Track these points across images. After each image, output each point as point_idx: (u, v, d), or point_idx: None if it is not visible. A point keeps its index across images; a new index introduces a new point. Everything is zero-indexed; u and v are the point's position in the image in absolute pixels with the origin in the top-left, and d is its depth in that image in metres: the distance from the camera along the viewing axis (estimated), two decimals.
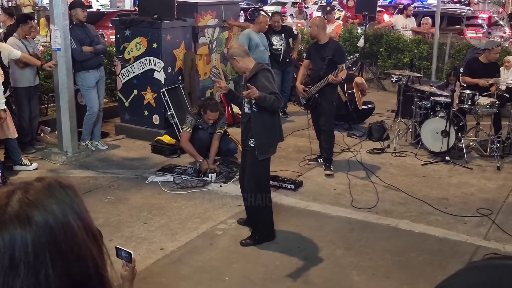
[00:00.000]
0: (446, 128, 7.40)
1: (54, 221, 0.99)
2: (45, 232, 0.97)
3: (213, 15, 9.21)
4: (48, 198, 1.02)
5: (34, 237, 0.96)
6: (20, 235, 0.96)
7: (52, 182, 1.07)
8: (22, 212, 0.98)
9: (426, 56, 11.80)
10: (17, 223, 0.96)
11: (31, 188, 1.03)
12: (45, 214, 0.99)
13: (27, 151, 7.58)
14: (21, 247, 0.95)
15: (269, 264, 4.91)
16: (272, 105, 4.94)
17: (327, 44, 6.95)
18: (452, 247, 5.23)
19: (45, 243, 0.97)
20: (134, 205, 6.10)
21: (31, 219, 0.98)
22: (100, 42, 7.87)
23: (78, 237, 1.02)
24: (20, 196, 1.01)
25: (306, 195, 6.42)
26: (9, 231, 0.96)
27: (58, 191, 1.05)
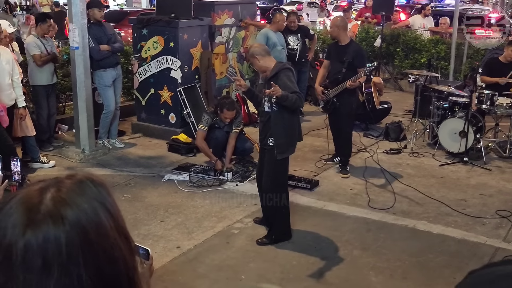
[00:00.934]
0: (465, 128, 7.33)
1: (87, 221, 0.97)
2: (78, 232, 0.96)
3: (229, 14, 9.21)
4: (81, 196, 1.00)
5: (68, 237, 0.94)
6: (54, 234, 0.94)
7: (84, 179, 1.04)
8: (55, 211, 0.96)
9: (444, 56, 11.70)
10: (51, 222, 0.95)
11: (63, 185, 1.01)
12: (78, 213, 0.97)
13: (45, 149, 7.64)
14: (55, 247, 0.93)
15: (286, 264, 4.90)
16: (294, 104, 4.93)
17: (347, 46, 6.83)
18: (470, 249, 5.17)
19: (78, 243, 0.95)
20: (150, 203, 6.11)
21: (65, 218, 0.95)
22: (117, 41, 7.91)
23: (111, 237, 1.00)
24: (54, 194, 0.98)
25: (322, 195, 6.39)
26: (43, 230, 0.94)
27: (90, 189, 1.03)
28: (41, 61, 7.35)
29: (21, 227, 0.94)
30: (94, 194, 1.02)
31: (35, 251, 0.93)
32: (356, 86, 6.79)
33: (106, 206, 1.02)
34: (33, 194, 0.98)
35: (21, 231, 0.93)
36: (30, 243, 0.93)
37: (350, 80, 6.58)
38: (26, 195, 0.99)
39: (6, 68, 6.34)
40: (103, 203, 1.02)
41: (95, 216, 0.99)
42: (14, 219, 0.95)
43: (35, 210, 0.95)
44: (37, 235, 0.93)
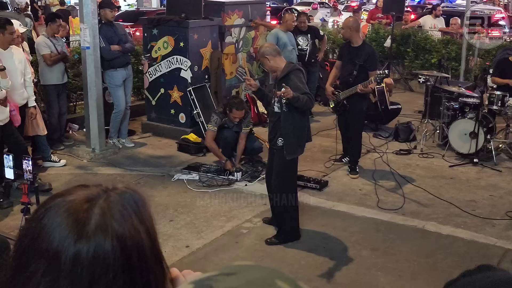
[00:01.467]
0: (475, 129, 7.30)
1: (132, 241, 0.95)
2: (122, 251, 0.93)
3: (239, 15, 9.23)
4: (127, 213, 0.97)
5: (115, 256, 0.92)
6: (103, 250, 0.92)
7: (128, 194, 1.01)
8: (105, 227, 0.93)
9: (455, 57, 11.64)
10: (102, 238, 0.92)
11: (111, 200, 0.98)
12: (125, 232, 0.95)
13: (56, 148, 7.70)
14: (103, 264, 0.91)
15: (295, 263, 4.91)
16: (305, 105, 4.94)
17: (359, 48, 6.79)
18: (480, 250, 5.16)
19: (122, 263, 0.93)
20: (160, 202, 6.14)
21: (113, 236, 0.93)
22: (128, 41, 7.96)
23: (148, 261, 0.97)
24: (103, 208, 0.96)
25: (331, 195, 6.40)
26: (94, 244, 0.92)
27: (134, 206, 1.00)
28: (51, 61, 7.41)
29: (72, 237, 0.92)
30: (137, 213, 0.99)
31: (84, 265, 0.90)
32: (367, 92, 6.74)
33: (147, 227, 1.00)
34: (82, 204, 0.96)
35: (72, 241, 0.91)
36: (81, 255, 0.91)
37: (361, 85, 6.55)
38: (75, 204, 0.96)
39: (19, 67, 6.40)
40: (145, 223, 1.00)
41: (138, 237, 0.96)
42: (63, 228, 0.92)
43: (85, 223, 0.93)
44: (88, 248, 0.91)
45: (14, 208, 5.85)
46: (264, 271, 0.76)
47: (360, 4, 21.10)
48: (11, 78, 6.09)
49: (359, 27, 7.20)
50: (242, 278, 0.72)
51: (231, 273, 0.74)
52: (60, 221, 0.93)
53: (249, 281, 0.71)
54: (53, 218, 0.94)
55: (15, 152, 5.64)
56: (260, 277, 0.73)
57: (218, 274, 0.74)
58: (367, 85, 6.54)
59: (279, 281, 0.72)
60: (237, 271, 0.74)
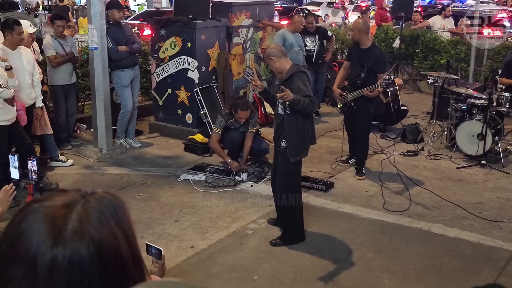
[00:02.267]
0: (483, 131, 7.25)
1: (108, 246, 0.95)
2: (99, 257, 0.93)
3: (247, 15, 9.23)
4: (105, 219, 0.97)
5: (92, 260, 0.92)
6: (80, 254, 0.92)
7: (106, 199, 1.02)
8: (81, 232, 0.94)
9: (464, 58, 11.58)
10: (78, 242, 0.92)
11: (88, 205, 0.98)
12: (101, 237, 0.95)
13: (64, 148, 7.74)
14: (79, 269, 0.91)
15: (299, 265, 4.90)
16: (306, 108, 4.91)
17: (369, 50, 6.76)
18: (486, 253, 5.12)
19: (99, 269, 0.93)
20: (166, 202, 6.16)
21: (89, 241, 0.93)
22: (135, 42, 7.98)
23: (126, 265, 0.98)
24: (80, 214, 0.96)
25: (337, 197, 6.38)
26: (70, 249, 0.92)
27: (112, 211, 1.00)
28: (55, 62, 7.44)
29: (48, 243, 0.92)
30: (115, 218, 0.99)
31: (60, 270, 0.90)
32: (373, 96, 6.72)
33: (125, 232, 1.00)
34: (59, 210, 0.96)
35: (48, 247, 0.92)
36: (57, 261, 0.91)
37: (368, 89, 6.53)
38: (53, 210, 0.96)
39: (27, 67, 6.44)
40: (123, 228, 1.00)
41: (115, 243, 0.96)
42: (40, 234, 0.93)
43: (62, 229, 0.93)
44: (64, 254, 0.91)
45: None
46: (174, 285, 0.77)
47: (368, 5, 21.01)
48: (18, 78, 6.13)
49: (369, 29, 7.17)
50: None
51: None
52: (37, 227, 0.93)
53: None
54: (31, 224, 0.94)
55: (21, 151, 5.69)
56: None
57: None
58: (373, 89, 6.52)
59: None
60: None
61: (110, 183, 6.68)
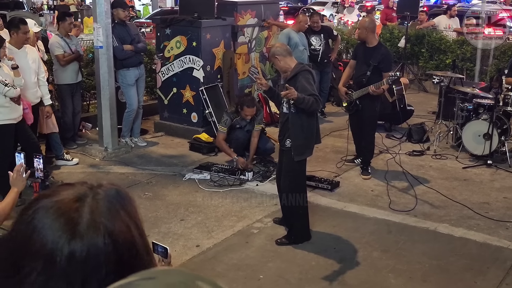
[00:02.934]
0: (489, 131, 7.22)
1: (121, 236, 0.96)
2: (114, 247, 0.94)
3: (252, 14, 9.22)
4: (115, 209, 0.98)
5: (108, 253, 0.93)
6: (96, 249, 0.92)
7: (113, 190, 1.02)
8: (95, 224, 0.94)
9: (470, 58, 11.54)
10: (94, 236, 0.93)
11: (98, 197, 0.98)
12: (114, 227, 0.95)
13: (69, 147, 7.75)
14: (96, 262, 0.92)
15: (305, 264, 4.89)
16: (311, 106, 4.90)
17: (375, 49, 6.75)
18: (493, 253, 5.10)
19: (114, 259, 0.93)
20: (171, 201, 6.16)
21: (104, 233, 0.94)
22: (140, 41, 7.99)
23: (139, 252, 0.98)
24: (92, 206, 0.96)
25: (343, 196, 6.36)
26: (87, 242, 0.92)
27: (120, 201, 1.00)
28: (64, 61, 7.45)
29: (65, 237, 0.92)
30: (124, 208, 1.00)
31: (79, 263, 0.91)
32: (379, 93, 6.71)
33: (136, 221, 1.01)
34: (71, 204, 0.96)
35: (66, 241, 0.92)
36: (75, 254, 0.91)
37: (373, 86, 6.52)
38: (64, 204, 0.96)
39: (32, 66, 6.45)
40: (133, 218, 1.01)
41: (127, 232, 0.97)
42: (55, 229, 0.93)
43: (77, 222, 0.94)
44: (82, 247, 0.92)
45: None
46: (185, 274, 0.76)
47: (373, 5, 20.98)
48: (24, 77, 6.14)
49: (375, 27, 7.16)
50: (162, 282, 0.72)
51: (151, 277, 0.74)
52: (51, 222, 0.93)
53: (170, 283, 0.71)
54: (43, 220, 0.94)
55: (27, 150, 5.69)
56: (180, 280, 0.73)
57: (138, 279, 0.75)
58: (379, 86, 6.51)
59: (200, 282, 0.72)
60: (157, 276, 0.74)
61: (115, 182, 6.66)
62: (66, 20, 7.62)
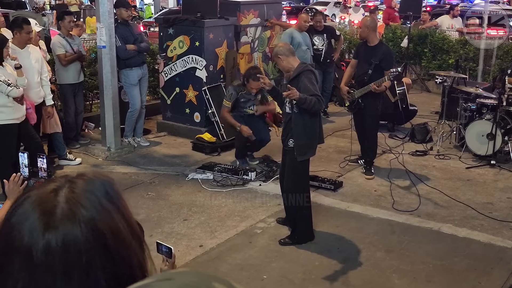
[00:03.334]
0: (493, 131, 7.21)
1: (103, 223, 0.95)
2: (94, 235, 0.94)
3: (255, 14, 9.20)
4: (94, 197, 0.98)
5: (86, 240, 0.92)
6: (73, 237, 0.92)
7: (94, 179, 1.02)
8: (72, 214, 0.94)
9: (473, 57, 11.51)
10: (70, 225, 0.93)
11: (76, 186, 0.98)
12: (94, 215, 0.95)
13: (72, 146, 7.74)
14: (75, 250, 0.92)
15: (308, 264, 4.88)
16: (313, 107, 4.89)
17: (376, 47, 6.76)
18: (497, 253, 5.09)
19: (96, 247, 0.93)
20: (174, 201, 6.15)
21: (81, 221, 0.94)
22: (143, 41, 7.98)
23: (125, 238, 0.98)
24: (68, 196, 0.96)
25: (346, 196, 6.35)
26: (62, 233, 0.92)
27: (102, 190, 1.00)
28: (65, 61, 7.44)
29: (40, 229, 0.92)
30: (106, 195, 0.99)
31: (56, 254, 0.91)
32: (381, 91, 6.70)
33: (117, 206, 1.00)
34: (47, 196, 0.96)
35: (40, 233, 0.92)
36: (50, 245, 0.91)
37: (375, 83, 6.52)
38: (40, 197, 0.97)
39: (36, 66, 6.45)
40: (115, 203, 1.00)
41: (109, 219, 0.97)
42: (31, 222, 0.93)
43: (51, 213, 0.94)
44: (57, 237, 0.91)
45: None
46: (200, 275, 0.77)
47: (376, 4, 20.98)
48: (27, 76, 6.14)
49: (376, 26, 7.18)
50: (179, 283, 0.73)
51: (167, 278, 0.74)
52: (27, 216, 0.94)
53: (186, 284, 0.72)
54: (21, 215, 0.94)
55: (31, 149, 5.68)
56: (196, 281, 0.74)
57: (154, 280, 0.75)
58: (380, 83, 6.51)
59: (216, 283, 0.73)
60: (174, 277, 0.75)
61: (118, 182, 6.57)
62: (65, 19, 7.61)
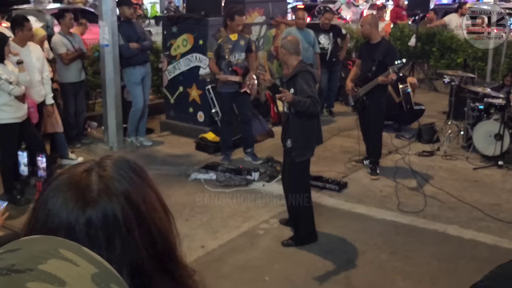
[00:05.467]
0: (500, 131, 7.10)
1: (136, 195, 1.00)
2: (130, 206, 0.98)
3: (260, 12, 9.13)
4: (124, 172, 1.02)
5: (124, 211, 0.97)
6: (112, 210, 0.96)
7: (120, 159, 1.07)
8: (107, 188, 0.98)
9: (481, 57, 11.38)
10: (107, 199, 0.97)
11: (106, 165, 1.03)
12: (128, 188, 1.00)
13: (74, 146, 7.70)
14: (114, 222, 0.96)
15: (311, 266, 4.81)
16: (308, 109, 4.80)
17: (378, 44, 6.72)
18: (503, 255, 4.96)
19: (133, 217, 0.97)
20: (177, 201, 6.08)
21: (117, 194, 0.98)
22: (146, 39, 7.93)
23: (158, 209, 1.03)
24: (101, 173, 1.01)
25: (350, 197, 6.27)
26: (101, 207, 0.96)
27: (130, 167, 1.05)
28: (67, 59, 7.40)
29: (79, 207, 0.95)
30: (133, 170, 1.04)
31: (98, 227, 0.95)
32: (388, 83, 6.63)
33: (147, 180, 1.05)
34: (80, 175, 1.00)
35: (80, 210, 0.95)
36: (92, 219, 0.95)
37: (382, 76, 6.45)
38: (73, 177, 1.00)
39: (36, 65, 6.40)
40: (144, 178, 1.05)
41: (141, 190, 1.02)
42: (68, 201, 0.96)
43: (87, 190, 0.97)
44: (97, 212, 0.95)
45: (30, 205, 5.84)
46: (48, 241, 0.75)
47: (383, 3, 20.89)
48: (28, 74, 6.09)
49: (377, 22, 7.17)
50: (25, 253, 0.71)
51: (15, 249, 0.72)
52: (63, 197, 0.97)
53: (33, 255, 0.70)
54: (56, 197, 0.98)
55: (32, 149, 5.65)
56: (43, 249, 0.72)
57: (2, 252, 0.73)
58: (387, 75, 6.44)
59: (62, 249, 0.72)
60: (22, 246, 0.73)
61: None
62: (65, 16, 7.57)
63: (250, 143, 7.45)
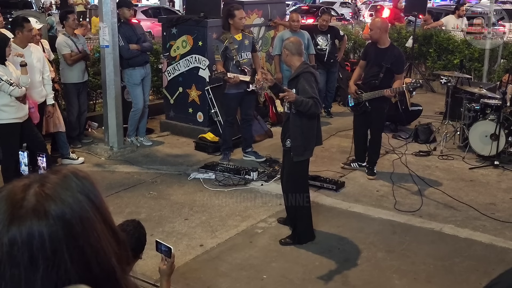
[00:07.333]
0: (496, 131, 7.17)
1: (72, 215, 0.96)
2: (62, 226, 0.95)
3: (259, 14, 9.20)
4: (65, 190, 0.99)
5: (52, 231, 0.94)
6: (38, 229, 0.93)
7: (68, 174, 1.03)
8: (39, 206, 0.95)
9: (478, 58, 11.45)
10: (34, 217, 0.94)
11: (47, 181, 1.00)
12: (63, 207, 0.96)
13: (75, 146, 7.76)
14: (39, 242, 0.93)
15: (308, 264, 4.87)
16: (309, 109, 4.87)
17: (387, 50, 6.65)
18: (498, 254, 5.06)
19: (63, 237, 0.94)
20: (176, 201, 6.15)
21: (48, 213, 0.95)
22: (146, 40, 7.99)
23: (97, 230, 0.99)
24: (37, 189, 0.98)
25: (348, 196, 6.33)
26: (26, 226, 0.93)
27: (75, 183, 1.01)
28: (71, 60, 7.46)
29: (5, 223, 0.93)
30: (78, 187, 1.01)
31: (20, 246, 0.92)
32: (393, 96, 6.68)
33: (91, 199, 1.01)
34: (16, 190, 0.98)
35: (5, 226, 0.93)
36: (15, 238, 0.92)
37: (390, 91, 6.49)
38: (11, 191, 0.98)
39: (37, 65, 6.46)
40: (88, 196, 1.01)
41: (80, 209, 0.98)
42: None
43: (18, 206, 0.95)
44: (21, 230, 0.93)
45: None
46: None
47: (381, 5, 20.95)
48: (29, 75, 6.15)
49: (388, 28, 6.96)
50: None
51: None
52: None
53: None
54: None
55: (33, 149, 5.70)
56: None
57: None
58: (395, 92, 6.50)
59: None
60: None
61: (121, 181, 6.69)
62: (69, 18, 7.63)
63: (250, 143, 7.52)
